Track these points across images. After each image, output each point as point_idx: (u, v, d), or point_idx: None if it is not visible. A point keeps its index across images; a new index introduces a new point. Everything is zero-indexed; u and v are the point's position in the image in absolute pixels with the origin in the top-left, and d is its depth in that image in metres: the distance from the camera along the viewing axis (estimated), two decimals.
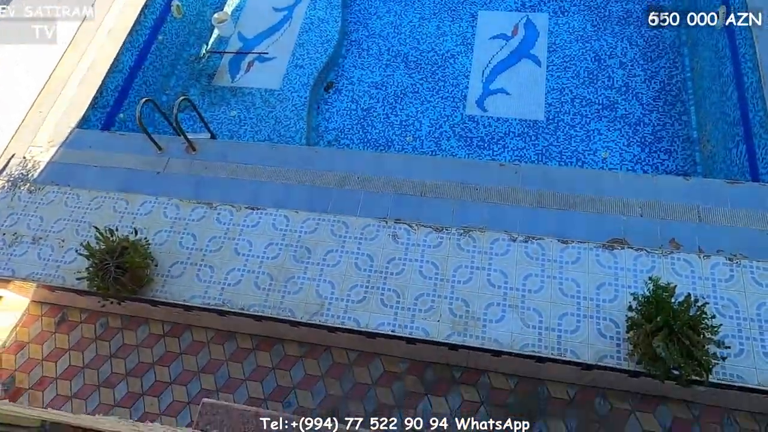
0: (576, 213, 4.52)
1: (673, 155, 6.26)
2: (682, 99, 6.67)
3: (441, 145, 6.72)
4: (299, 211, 4.85)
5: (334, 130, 7.07)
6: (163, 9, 7.47)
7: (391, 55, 7.69)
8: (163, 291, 4.60)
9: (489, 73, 7.24)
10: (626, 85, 6.86)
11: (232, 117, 7.20)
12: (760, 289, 3.99)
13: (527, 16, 7.73)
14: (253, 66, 7.69)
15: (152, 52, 7.26)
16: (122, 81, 6.67)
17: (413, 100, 7.17)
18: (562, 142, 6.52)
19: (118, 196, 5.22)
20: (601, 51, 7.22)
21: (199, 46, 8.07)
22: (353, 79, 7.54)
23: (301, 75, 7.40)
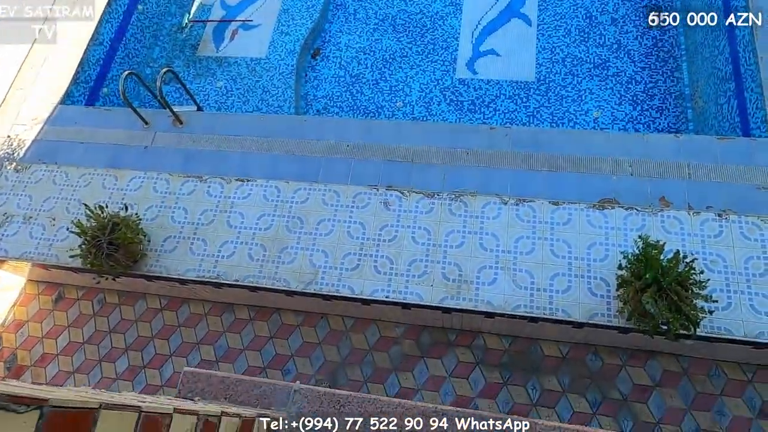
0: (567, 174, 4.52)
1: (665, 113, 6.22)
2: (675, 55, 6.58)
3: (431, 109, 6.65)
4: (290, 181, 4.83)
5: (323, 98, 6.97)
6: None
7: (379, 18, 7.51)
8: (158, 265, 4.61)
9: (479, 34, 7.10)
10: (618, 43, 6.75)
11: (219, 88, 7.08)
12: (748, 243, 4.03)
13: None
14: (238, 34, 7.51)
15: (133, 23, 7.06)
16: (103, 54, 6.52)
17: (402, 65, 7.04)
18: (553, 102, 6.45)
19: (106, 173, 5.18)
20: (593, 7, 7.06)
21: (181, 15, 7.85)
22: (340, 44, 7.38)
23: (287, 42, 7.24)
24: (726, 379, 4.19)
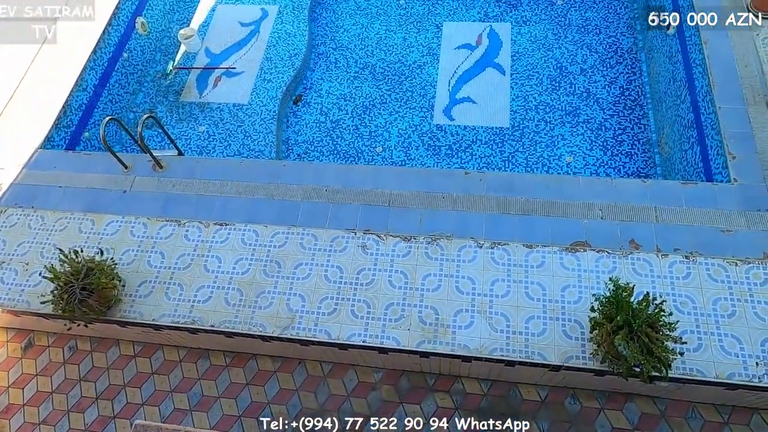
0: (540, 218, 4.63)
1: (634, 158, 6.46)
2: (641, 103, 6.90)
3: (410, 154, 6.81)
4: (268, 225, 4.86)
5: (304, 143, 7.11)
6: (128, 26, 7.43)
7: (359, 66, 7.78)
8: (132, 311, 4.55)
9: (455, 82, 7.38)
10: (587, 91, 7.07)
11: (201, 132, 7.18)
12: (716, 284, 4.14)
13: (490, 26, 7.92)
14: (221, 81, 7.68)
15: (117, 69, 7.20)
16: (86, 100, 6.60)
17: (382, 111, 7.25)
18: (527, 148, 6.67)
19: (83, 217, 5.15)
20: (563, 59, 7.42)
21: (165, 62, 8.03)
22: (321, 91, 7.60)
23: (270, 89, 7.42)
24: (703, 421, 4.21)
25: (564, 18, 7.85)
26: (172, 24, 8.41)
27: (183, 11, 8.62)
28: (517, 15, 7.98)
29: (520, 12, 8.01)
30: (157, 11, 8.12)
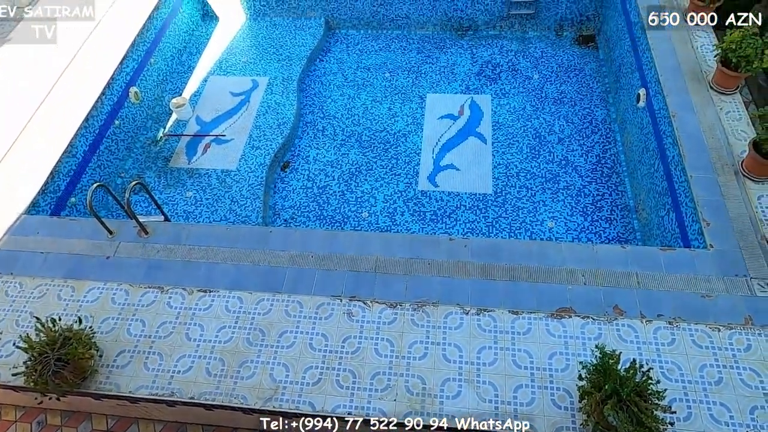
0: (524, 283, 4.67)
1: (614, 223, 6.63)
2: (617, 171, 7.18)
3: (395, 219, 6.91)
4: (253, 292, 4.82)
5: (291, 208, 7.19)
6: (121, 95, 7.64)
7: (346, 135, 8.03)
8: (108, 383, 4.37)
9: (439, 150, 7.64)
10: (566, 159, 7.35)
11: (188, 198, 7.23)
12: (701, 351, 4.16)
13: (472, 97, 8.32)
14: (210, 148, 7.85)
15: (108, 136, 7.33)
16: (75, 166, 6.66)
17: (368, 177, 7.42)
18: (510, 213, 6.83)
19: (63, 283, 5.06)
20: (541, 128, 7.77)
21: (156, 129, 8.21)
22: (309, 158, 7.78)
23: (258, 156, 7.59)
24: None
25: (540, 91, 8.30)
26: (165, 93, 8.68)
27: (176, 81, 8.93)
28: (496, 88, 8.42)
29: (500, 85, 8.45)
30: (151, 81, 8.40)
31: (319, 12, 9.59)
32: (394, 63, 9.05)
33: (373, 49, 9.38)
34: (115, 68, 7.43)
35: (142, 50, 8.12)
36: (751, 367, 4.06)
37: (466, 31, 9.45)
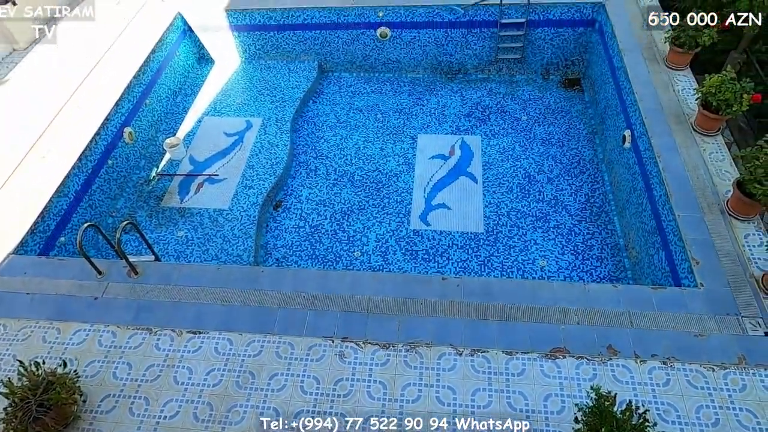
0: (518, 323, 4.65)
1: (604, 262, 6.67)
2: (606, 210, 7.28)
3: (388, 258, 6.90)
4: (243, 333, 4.74)
5: (282, 248, 7.16)
6: (116, 135, 7.71)
7: (338, 174, 8.11)
8: (91, 429, 4.22)
9: (430, 189, 7.72)
10: (555, 198, 7.45)
11: (180, 237, 7.20)
12: (696, 391, 4.12)
13: (462, 138, 8.48)
14: (203, 187, 7.87)
15: (101, 176, 7.35)
16: (66, 205, 6.64)
17: (360, 217, 7.45)
18: (502, 252, 6.85)
19: (49, 325, 4.95)
20: (530, 168, 7.90)
21: (149, 169, 8.25)
22: (301, 197, 7.82)
23: (251, 195, 7.62)
24: None
25: (529, 132, 8.49)
26: (159, 133, 8.77)
27: (170, 122, 9.04)
28: (486, 129, 8.60)
29: (489, 126, 8.64)
30: (145, 122, 8.50)
31: (312, 56, 9.86)
32: (385, 105, 9.25)
33: (365, 91, 9.60)
34: (111, 109, 7.53)
35: (138, 91, 8.25)
36: (748, 407, 4.02)
37: (455, 75, 9.73)
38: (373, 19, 9.18)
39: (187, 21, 9.68)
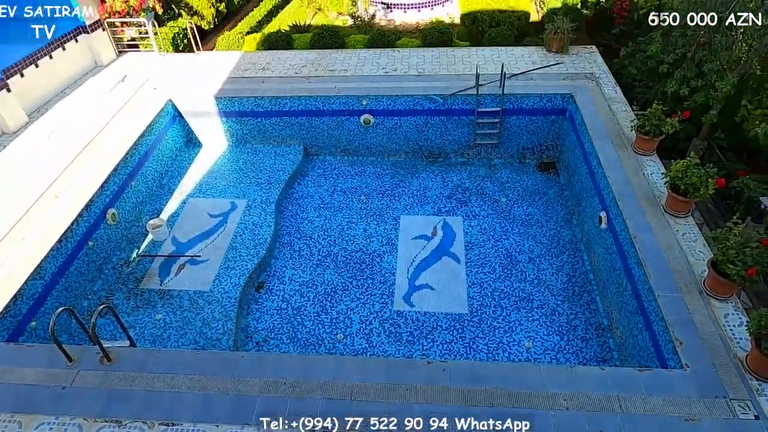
0: (506, 409, 4.51)
1: (590, 342, 6.62)
2: (588, 289, 7.34)
3: (372, 341, 6.76)
4: (220, 424, 4.50)
5: (264, 330, 6.99)
6: (98, 217, 7.70)
7: (322, 255, 8.12)
8: None
9: (413, 270, 7.74)
10: (538, 278, 7.52)
11: (157, 321, 6.99)
12: None
13: (444, 219, 8.66)
14: (184, 269, 7.78)
15: (80, 258, 7.24)
16: (41, 288, 6.47)
17: (343, 298, 7.38)
18: (487, 333, 6.77)
19: (10, 419, 4.64)
20: (512, 248, 8.04)
21: (130, 250, 8.17)
22: (284, 278, 7.76)
23: (233, 276, 7.53)
24: None
25: (509, 213, 8.72)
26: (143, 215, 8.78)
27: (155, 203, 9.10)
28: (467, 210, 8.82)
29: (470, 207, 8.87)
30: (130, 203, 8.54)
31: (298, 140, 10.21)
32: (369, 187, 9.49)
33: (349, 173, 9.88)
34: (96, 191, 7.58)
35: (124, 174, 8.36)
36: None
37: (436, 158, 10.12)
38: (357, 107, 9.65)
39: (177, 107, 10.05)
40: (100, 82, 10.52)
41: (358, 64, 10.59)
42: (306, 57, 11.04)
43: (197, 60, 11.20)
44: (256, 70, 10.63)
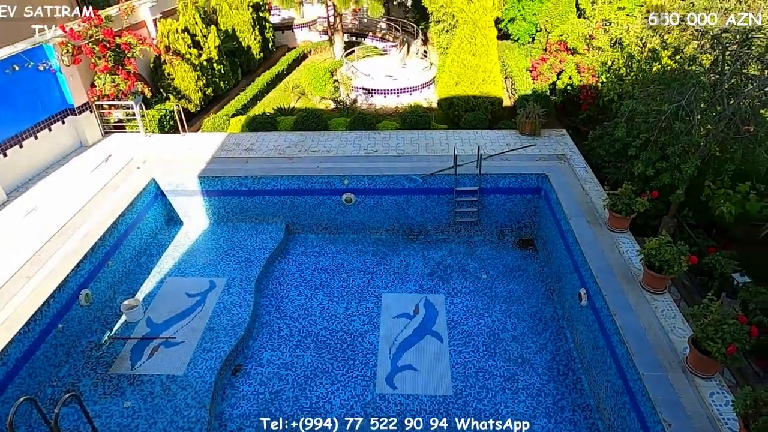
0: None
1: (578, 425, 6.43)
2: (573, 368, 7.23)
3: (353, 428, 6.44)
4: None
5: (239, 417, 6.63)
6: (71, 298, 7.47)
7: (302, 335, 7.93)
8: None
9: (396, 350, 7.57)
10: (522, 357, 7.40)
11: (126, 409, 6.59)
12: None
13: (426, 297, 8.62)
14: (158, 351, 7.48)
15: (47, 341, 6.93)
16: (2, 375, 6.11)
17: (323, 380, 7.12)
18: (472, 414, 6.54)
19: None
20: (494, 326, 7.97)
21: (102, 332, 7.86)
22: (262, 360, 7.49)
23: (209, 359, 7.25)
24: None
25: (490, 290, 8.74)
26: (117, 295, 8.55)
27: (131, 282, 8.90)
28: (449, 287, 8.82)
29: (451, 285, 8.88)
30: (104, 283, 8.34)
31: (280, 218, 10.29)
32: (350, 264, 9.49)
33: (331, 251, 9.90)
34: (70, 271, 7.41)
35: (101, 253, 8.24)
36: None
37: (417, 236, 10.25)
38: (339, 186, 9.87)
39: (160, 186, 10.14)
40: (84, 161, 10.64)
41: (341, 145, 10.96)
42: (290, 138, 11.40)
43: (182, 140, 11.47)
44: (241, 150, 10.90)
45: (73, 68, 10.67)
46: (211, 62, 15.39)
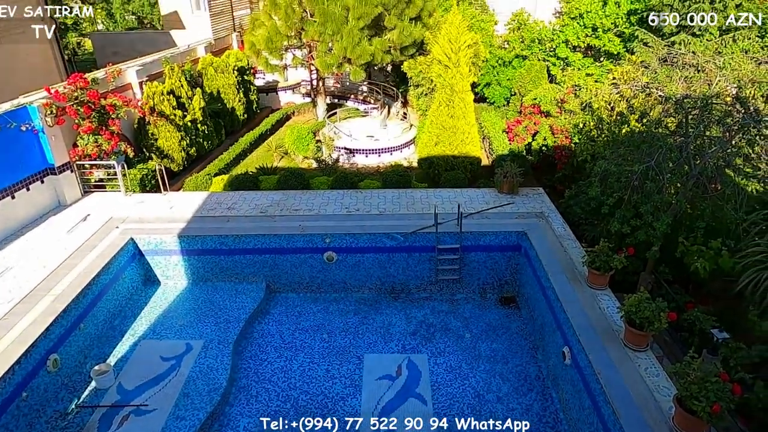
0: None
1: None
2: (560, 430, 7.05)
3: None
4: None
5: None
6: (38, 363, 7.13)
7: (281, 400, 7.63)
8: None
9: (379, 414, 7.32)
10: (508, 419, 7.20)
11: None
12: None
13: (409, 357, 8.45)
14: (128, 420, 7.09)
15: (9, 411, 6.53)
16: None
17: None
18: None
19: None
20: (479, 387, 7.80)
21: (69, 400, 7.45)
22: (239, 428, 7.15)
23: (182, 428, 6.89)
24: None
25: (474, 349, 8.62)
26: (88, 359, 8.19)
27: (103, 346, 8.55)
28: (432, 347, 8.68)
29: (435, 344, 8.74)
30: (75, 347, 8.01)
31: (261, 277, 10.16)
32: (332, 324, 9.31)
33: (312, 311, 9.74)
34: (39, 335, 7.12)
35: (73, 315, 7.96)
36: None
37: (399, 294, 10.18)
38: (320, 244, 9.85)
39: (138, 246, 9.99)
40: (61, 221, 10.49)
41: (322, 204, 11.05)
42: (272, 197, 11.47)
43: (164, 200, 11.45)
44: (222, 209, 10.90)
45: (56, 128, 10.74)
46: (195, 123, 15.67)
